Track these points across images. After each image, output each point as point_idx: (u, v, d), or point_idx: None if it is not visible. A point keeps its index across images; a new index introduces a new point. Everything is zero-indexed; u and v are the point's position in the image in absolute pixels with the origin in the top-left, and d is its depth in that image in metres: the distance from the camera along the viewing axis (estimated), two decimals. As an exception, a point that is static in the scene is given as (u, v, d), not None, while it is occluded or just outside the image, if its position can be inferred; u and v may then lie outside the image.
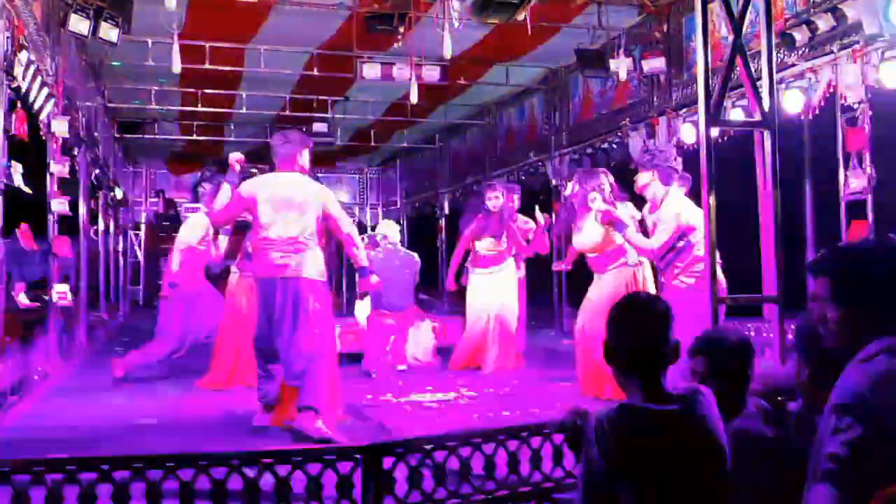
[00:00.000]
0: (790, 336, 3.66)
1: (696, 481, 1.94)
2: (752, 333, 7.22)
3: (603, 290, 5.81)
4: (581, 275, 6.44)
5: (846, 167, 6.01)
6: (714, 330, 3.39)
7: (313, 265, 4.78)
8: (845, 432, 2.06)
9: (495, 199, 7.33)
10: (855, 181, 5.92)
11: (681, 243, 5.22)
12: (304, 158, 5.03)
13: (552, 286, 10.89)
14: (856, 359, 2.15)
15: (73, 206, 7.83)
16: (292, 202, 4.83)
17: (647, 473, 1.94)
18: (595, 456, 1.95)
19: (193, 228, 6.82)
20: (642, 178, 5.41)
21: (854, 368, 2.08)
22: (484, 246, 7.44)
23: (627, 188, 5.98)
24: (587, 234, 5.91)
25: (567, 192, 6.38)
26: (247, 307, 6.22)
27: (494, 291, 7.39)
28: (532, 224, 7.55)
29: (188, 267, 6.75)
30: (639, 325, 2.08)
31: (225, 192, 5.33)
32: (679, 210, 5.24)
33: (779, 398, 2.70)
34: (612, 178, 6.00)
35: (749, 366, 2.54)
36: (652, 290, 5.86)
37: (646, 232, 5.62)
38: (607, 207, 5.64)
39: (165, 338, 6.82)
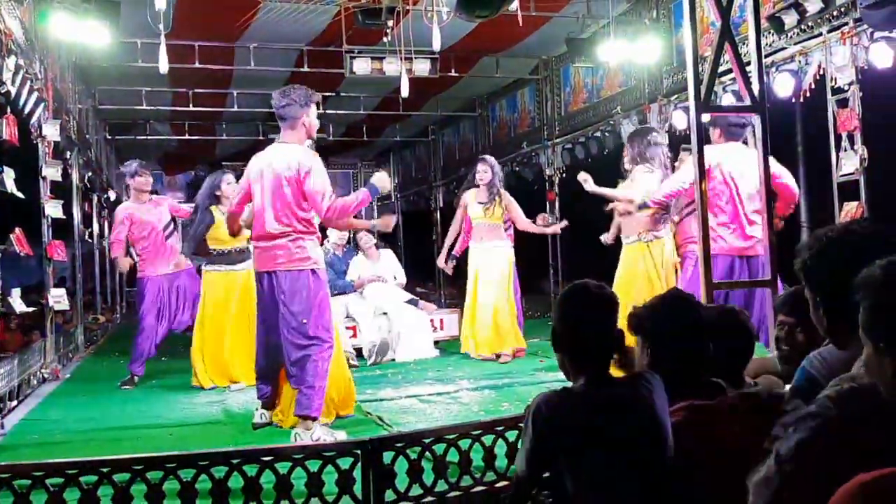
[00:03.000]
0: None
1: (636, 463, 1.98)
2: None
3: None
4: (574, 263, 6.44)
5: (838, 149, 6.03)
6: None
7: (296, 254, 4.46)
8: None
9: (483, 172, 7.34)
10: (847, 162, 5.93)
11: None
12: (311, 117, 4.60)
13: (548, 275, 10.90)
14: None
15: (67, 209, 7.81)
16: (268, 182, 4.47)
17: (582, 453, 1.98)
18: (532, 438, 2.00)
19: None
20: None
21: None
22: (476, 214, 7.42)
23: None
24: None
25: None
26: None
27: (490, 268, 7.33)
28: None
29: None
30: (590, 313, 2.11)
31: None
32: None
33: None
34: None
35: None
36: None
37: None
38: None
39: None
